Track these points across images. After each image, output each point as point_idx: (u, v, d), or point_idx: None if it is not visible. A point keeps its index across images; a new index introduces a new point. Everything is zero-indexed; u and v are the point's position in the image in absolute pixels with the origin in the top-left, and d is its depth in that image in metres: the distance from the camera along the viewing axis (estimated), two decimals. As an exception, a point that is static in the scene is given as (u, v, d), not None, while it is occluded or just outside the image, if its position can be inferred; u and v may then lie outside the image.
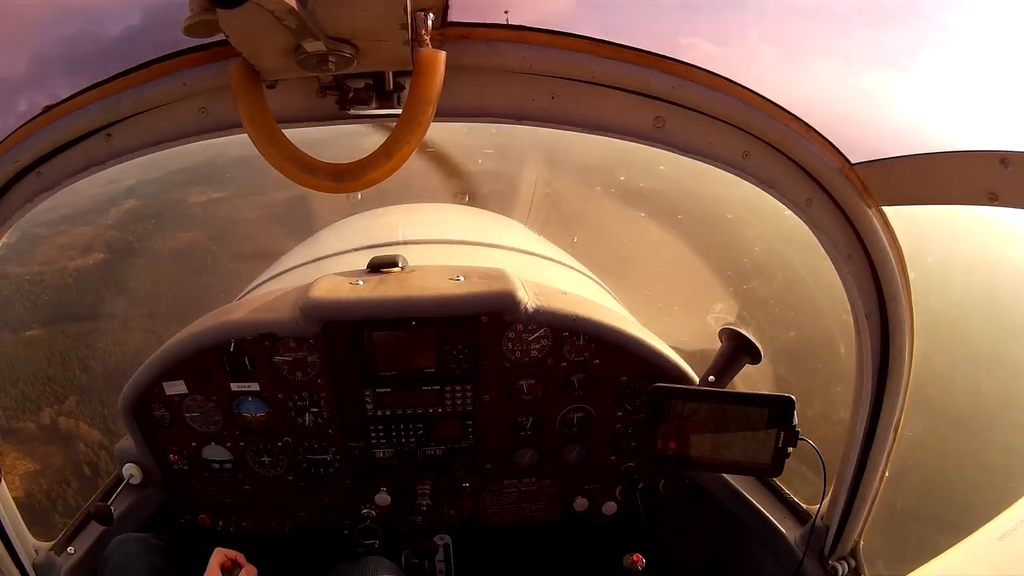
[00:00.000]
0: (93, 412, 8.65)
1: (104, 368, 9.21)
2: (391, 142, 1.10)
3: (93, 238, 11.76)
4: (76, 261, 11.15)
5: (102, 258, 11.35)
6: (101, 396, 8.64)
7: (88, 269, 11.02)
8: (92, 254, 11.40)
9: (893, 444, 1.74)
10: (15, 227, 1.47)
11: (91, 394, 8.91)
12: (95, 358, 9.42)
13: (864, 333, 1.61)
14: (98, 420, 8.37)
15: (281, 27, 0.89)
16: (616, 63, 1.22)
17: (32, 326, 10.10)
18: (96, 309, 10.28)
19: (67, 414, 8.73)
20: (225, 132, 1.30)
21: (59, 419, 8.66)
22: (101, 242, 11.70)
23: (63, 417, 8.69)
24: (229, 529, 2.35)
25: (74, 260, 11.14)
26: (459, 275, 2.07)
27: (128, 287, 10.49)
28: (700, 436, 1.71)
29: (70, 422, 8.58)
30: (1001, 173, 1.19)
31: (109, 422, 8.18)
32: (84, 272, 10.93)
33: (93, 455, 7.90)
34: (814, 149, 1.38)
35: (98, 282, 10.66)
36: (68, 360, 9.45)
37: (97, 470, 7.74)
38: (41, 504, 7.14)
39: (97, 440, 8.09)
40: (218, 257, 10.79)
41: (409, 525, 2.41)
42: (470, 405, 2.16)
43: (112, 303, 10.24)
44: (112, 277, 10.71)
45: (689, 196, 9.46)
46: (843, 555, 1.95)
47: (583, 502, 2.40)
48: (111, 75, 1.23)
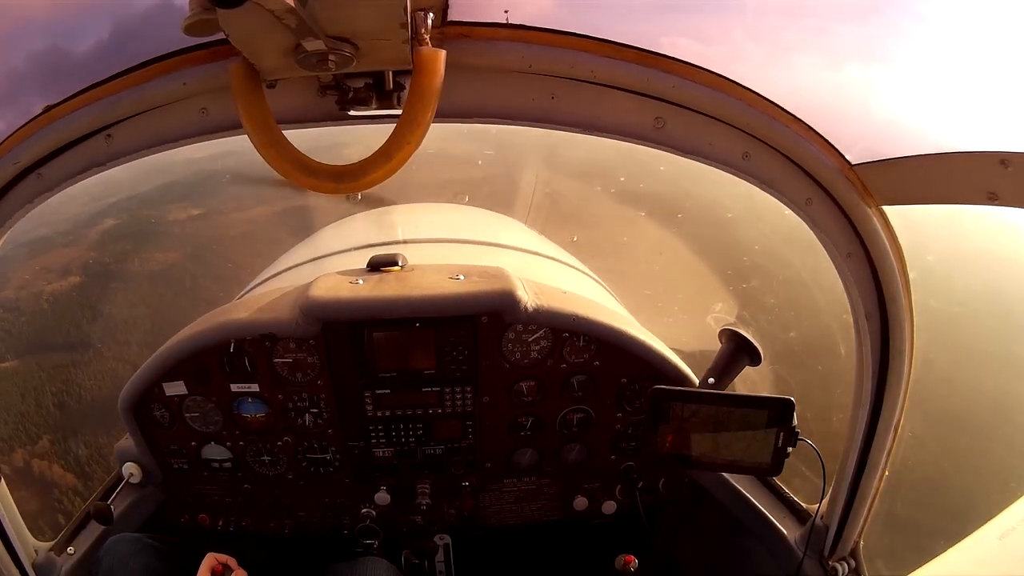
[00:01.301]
0: (67, 453, 8.17)
1: (79, 404, 8.82)
2: (391, 142, 1.11)
3: (71, 260, 11.38)
4: (53, 285, 10.75)
5: (79, 281, 10.93)
6: (76, 435, 8.25)
7: (64, 293, 10.62)
8: (69, 277, 11.02)
9: (893, 444, 1.74)
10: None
11: (65, 432, 8.45)
12: (70, 393, 8.99)
13: (864, 333, 1.61)
14: (72, 462, 7.96)
15: (281, 26, 0.89)
16: (616, 63, 1.22)
17: (7, 357, 9.65)
18: (72, 337, 9.88)
19: (40, 455, 8.23)
20: (225, 132, 1.30)
21: (32, 461, 8.14)
22: (79, 264, 11.30)
23: (36, 459, 8.16)
24: (229, 528, 2.35)
25: (51, 284, 10.74)
26: (459, 274, 2.07)
27: (103, 313, 10.12)
28: (700, 436, 1.71)
29: (43, 464, 8.13)
30: (1001, 173, 1.19)
31: (84, 465, 7.81)
32: (60, 297, 10.53)
33: (68, 502, 7.44)
34: (814, 150, 1.38)
35: (74, 308, 10.28)
36: (42, 395, 8.99)
37: (70, 517, 7.18)
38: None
39: (71, 485, 7.69)
40: (197, 279, 10.50)
41: (409, 525, 2.41)
42: (470, 406, 2.16)
43: (88, 331, 9.87)
44: (88, 303, 10.33)
45: (689, 196, 9.42)
46: (843, 555, 1.95)
47: (583, 501, 2.40)
48: (111, 75, 1.22)
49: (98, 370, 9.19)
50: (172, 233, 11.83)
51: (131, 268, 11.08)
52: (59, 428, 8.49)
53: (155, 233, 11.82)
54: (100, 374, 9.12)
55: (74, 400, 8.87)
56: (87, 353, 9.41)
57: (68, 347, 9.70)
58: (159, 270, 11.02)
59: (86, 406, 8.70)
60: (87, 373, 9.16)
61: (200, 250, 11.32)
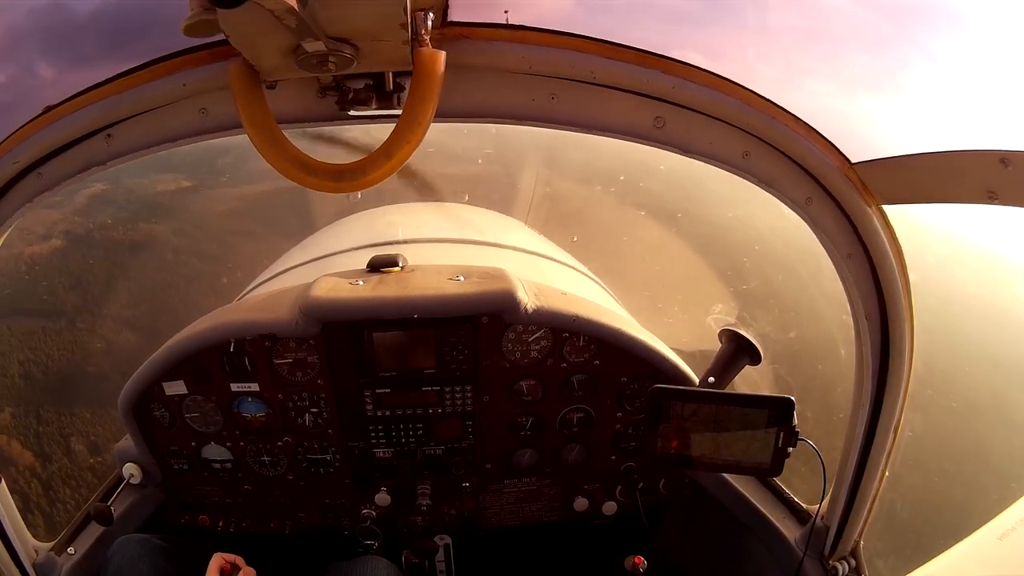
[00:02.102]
0: (27, 429, 7.91)
1: (45, 377, 8.55)
2: (391, 142, 1.11)
3: (55, 223, 10.87)
4: (33, 247, 10.29)
5: (60, 246, 10.53)
6: (37, 411, 7.95)
7: (44, 257, 10.22)
8: (51, 241, 10.58)
9: (893, 444, 1.74)
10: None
11: (28, 407, 8.17)
12: (37, 363, 8.73)
13: (864, 333, 1.61)
14: (32, 440, 7.71)
15: (281, 27, 0.89)
16: (616, 63, 1.22)
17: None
18: (46, 304, 9.55)
19: (1, 429, 7.95)
20: (225, 132, 1.30)
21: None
22: (62, 229, 10.83)
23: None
24: (229, 529, 2.35)
25: (31, 246, 10.27)
26: (459, 275, 2.07)
27: (82, 281, 9.86)
28: (700, 436, 1.71)
29: (2, 439, 7.82)
30: (1001, 173, 1.19)
31: (44, 443, 7.61)
32: (40, 260, 10.13)
33: (25, 483, 7.13)
34: (814, 149, 1.38)
35: (52, 274, 9.93)
36: (8, 363, 8.74)
37: (26, 500, 6.86)
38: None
39: (28, 465, 7.42)
40: (179, 254, 10.22)
41: (409, 525, 2.41)
42: (470, 406, 2.16)
43: (63, 299, 9.59)
44: (67, 269, 10.02)
45: (689, 196, 9.41)
46: (843, 555, 1.95)
47: (583, 502, 2.40)
48: (111, 76, 1.23)
49: (68, 340, 8.98)
50: (160, 204, 11.53)
51: (113, 236, 10.79)
52: (22, 400, 8.30)
53: (143, 203, 11.52)
54: (69, 345, 8.92)
55: (40, 371, 8.64)
56: (59, 322, 9.21)
57: (41, 314, 9.45)
58: (142, 241, 10.77)
59: (52, 379, 8.49)
60: (56, 343, 8.94)
61: (185, 224, 11.08)
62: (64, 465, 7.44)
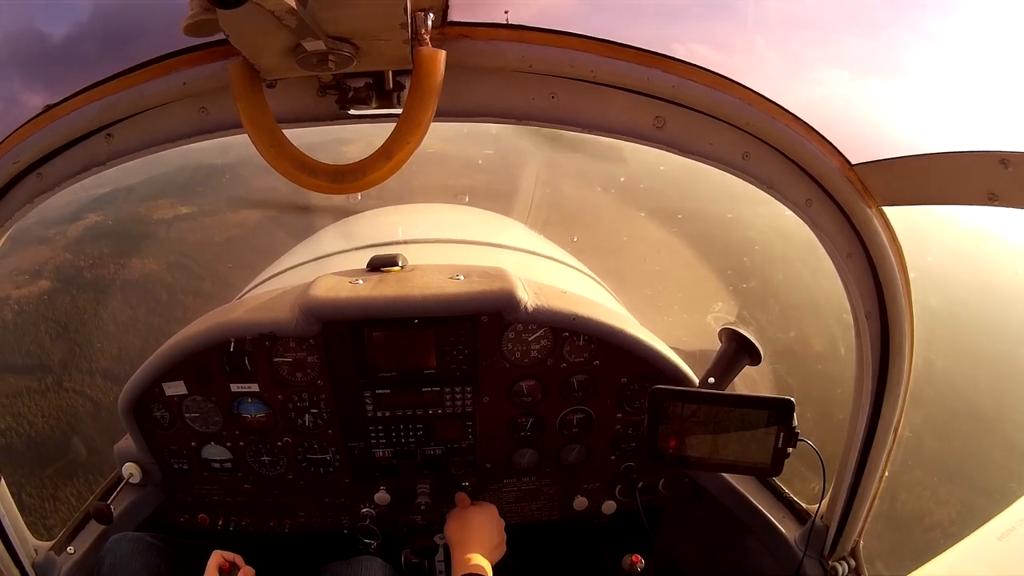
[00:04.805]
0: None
1: (27, 450, 7.59)
2: (391, 142, 1.11)
3: (45, 260, 10.23)
4: (22, 289, 9.66)
5: (49, 287, 9.86)
6: (21, 490, 6.82)
7: (32, 300, 9.55)
8: (40, 281, 9.90)
9: (893, 444, 1.74)
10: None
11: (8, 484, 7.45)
12: (19, 432, 7.79)
13: (864, 333, 1.61)
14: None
15: (281, 26, 0.89)
16: (616, 62, 1.22)
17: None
18: (32, 359, 8.80)
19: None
20: (225, 132, 1.30)
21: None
22: (52, 267, 10.17)
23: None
24: (229, 528, 2.35)
25: (20, 288, 9.65)
26: (459, 274, 2.07)
27: (69, 330, 9.05)
28: (700, 437, 1.71)
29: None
30: (1001, 173, 1.19)
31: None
32: (27, 305, 9.47)
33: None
34: (814, 149, 1.38)
35: (39, 321, 9.18)
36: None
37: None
38: None
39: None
40: (174, 293, 9.50)
41: (409, 525, 2.41)
42: (470, 406, 2.16)
43: (50, 351, 8.80)
44: (54, 316, 9.23)
45: (689, 196, 9.41)
46: (843, 555, 1.95)
47: (583, 501, 2.40)
48: (111, 75, 1.23)
49: (54, 405, 8.14)
50: (155, 235, 10.97)
51: (105, 275, 10.18)
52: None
53: (136, 235, 10.93)
54: (56, 411, 8.06)
55: (22, 442, 7.73)
56: (45, 380, 8.42)
57: (26, 370, 8.70)
58: (135, 280, 10.11)
59: (33, 451, 7.60)
60: (41, 408, 8.09)
61: (182, 258, 10.55)
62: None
